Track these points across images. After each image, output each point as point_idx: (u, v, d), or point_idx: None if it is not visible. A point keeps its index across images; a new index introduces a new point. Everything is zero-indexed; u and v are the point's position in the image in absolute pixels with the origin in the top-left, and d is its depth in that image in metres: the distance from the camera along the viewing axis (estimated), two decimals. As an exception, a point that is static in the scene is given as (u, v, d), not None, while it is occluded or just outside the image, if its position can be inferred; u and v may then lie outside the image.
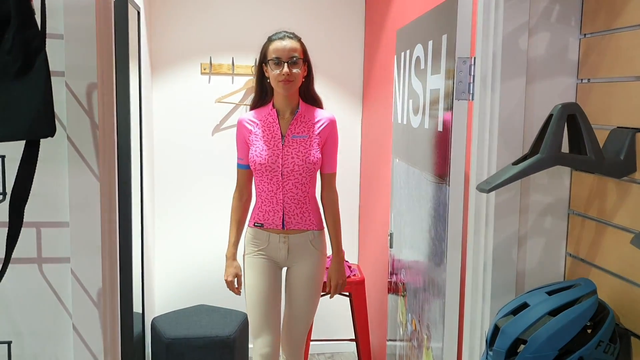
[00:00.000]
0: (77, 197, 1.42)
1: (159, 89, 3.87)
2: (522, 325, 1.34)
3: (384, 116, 3.39)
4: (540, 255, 1.62)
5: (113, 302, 1.49)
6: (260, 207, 2.66)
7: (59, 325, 1.46)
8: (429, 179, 1.96)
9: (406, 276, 2.32)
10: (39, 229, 1.43)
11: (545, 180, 1.61)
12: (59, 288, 1.45)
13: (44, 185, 1.42)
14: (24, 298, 1.45)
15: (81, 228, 1.43)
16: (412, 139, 2.21)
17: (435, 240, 1.90)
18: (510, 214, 1.60)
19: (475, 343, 1.66)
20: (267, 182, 2.61)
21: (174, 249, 3.99)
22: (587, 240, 1.53)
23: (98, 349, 1.46)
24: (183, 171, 3.95)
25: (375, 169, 3.68)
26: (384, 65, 3.42)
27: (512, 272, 1.62)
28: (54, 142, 1.41)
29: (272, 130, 2.61)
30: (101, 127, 1.42)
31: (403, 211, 2.38)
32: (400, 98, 2.41)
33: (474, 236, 1.63)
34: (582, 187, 1.57)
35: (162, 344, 3.34)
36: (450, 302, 1.76)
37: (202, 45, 3.89)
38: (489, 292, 1.62)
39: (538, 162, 1.35)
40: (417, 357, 2.13)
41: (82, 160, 1.41)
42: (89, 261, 1.44)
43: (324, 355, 4.19)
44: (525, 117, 1.58)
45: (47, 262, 1.45)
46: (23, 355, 1.46)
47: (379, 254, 3.52)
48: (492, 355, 1.39)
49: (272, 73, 2.53)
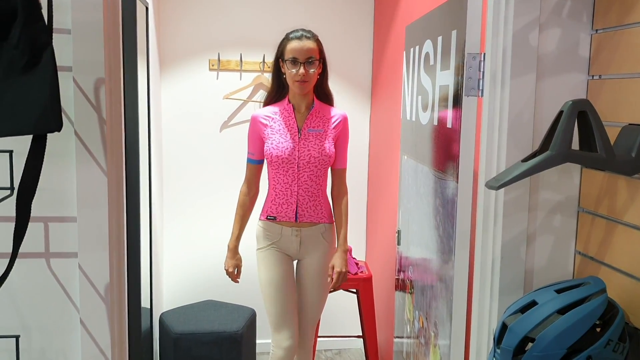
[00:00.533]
0: (84, 192, 1.42)
1: (167, 85, 3.87)
2: (531, 324, 1.33)
3: (393, 113, 3.37)
4: (549, 253, 1.61)
5: (120, 296, 1.49)
6: (274, 200, 2.69)
7: (67, 320, 1.46)
8: (438, 175, 1.95)
9: (413, 273, 2.31)
10: (47, 223, 1.44)
11: (554, 177, 1.59)
12: (67, 283, 1.45)
13: (52, 180, 1.42)
14: (32, 292, 1.45)
15: (89, 223, 1.43)
16: (421, 136, 2.20)
17: (443, 238, 1.89)
18: (519, 211, 1.58)
19: (482, 341, 1.65)
20: (282, 174, 2.64)
21: (182, 244, 4.00)
22: (597, 238, 1.52)
23: (105, 344, 1.46)
24: (191, 167, 3.96)
25: (383, 166, 3.66)
26: (393, 62, 3.40)
27: (520, 270, 1.60)
28: (62, 138, 1.41)
29: (289, 124, 2.65)
30: (109, 123, 1.41)
31: (411, 208, 2.37)
32: (409, 94, 2.40)
33: (482, 233, 1.62)
34: (592, 184, 1.55)
35: (170, 339, 3.35)
36: (457, 300, 1.75)
37: (210, 42, 3.89)
38: (497, 290, 1.61)
39: (548, 159, 1.33)
40: (424, 355, 2.13)
41: (89, 155, 1.41)
42: (96, 256, 1.44)
43: (331, 352, 4.19)
44: (535, 113, 1.57)
45: (55, 257, 1.45)
46: (30, 349, 1.46)
47: (386, 251, 3.51)
48: (499, 353, 1.38)
49: (289, 72, 2.57)
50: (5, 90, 0.96)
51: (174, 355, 3.34)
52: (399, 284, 2.65)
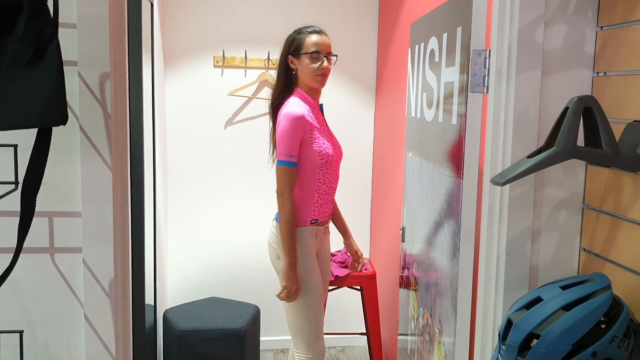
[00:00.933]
0: (89, 187, 1.42)
1: (171, 81, 3.87)
2: (536, 320, 1.33)
3: (397, 110, 3.37)
4: (554, 249, 1.61)
5: (125, 292, 1.49)
6: (317, 202, 2.58)
7: (71, 315, 1.46)
8: (443, 172, 1.95)
9: (418, 270, 2.31)
10: (51, 218, 1.44)
11: (560, 174, 1.59)
12: (71, 278, 1.46)
13: (56, 175, 1.42)
14: (36, 288, 1.45)
15: (93, 218, 1.43)
16: (426, 133, 2.20)
17: (448, 234, 1.89)
18: (524, 207, 1.58)
19: (487, 338, 1.65)
20: (329, 174, 2.58)
21: (186, 241, 4.00)
22: (602, 235, 1.52)
23: (109, 339, 1.46)
24: (195, 164, 3.96)
25: (387, 164, 3.66)
26: (398, 59, 3.40)
27: (525, 267, 1.60)
28: (66, 132, 1.41)
29: (321, 121, 2.61)
30: (114, 117, 1.41)
31: (415, 205, 2.36)
32: (414, 91, 2.39)
33: (487, 230, 1.62)
34: (597, 181, 1.55)
35: (173, 335, 3.36)
36: (462, 296, 1.75)
37: (215, 38, 3.89)
38: (502, 286, 1.60)
39: (553, 156, 1.33)
40: (428, 351, 2.12)
41: (94, 150, 1.41)
42: (100, 251, 1.44)
43: (335, 349, 4.19)
44: (541, 110, 1.56)
45: (59, 252, 1.45)
46: (34, 344, 1.46)
47: (390, 249, 3.51)
48: (504, 349, 1.38)
49: (309, 66, 2.52)
50: (10, 83, 0.96)
51: (178, 352, 3.34)
52: (403, 281, 2.65)
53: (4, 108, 0.96)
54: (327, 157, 2.52)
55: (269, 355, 4.09)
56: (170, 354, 3.40)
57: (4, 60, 0.97)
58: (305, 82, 2.56)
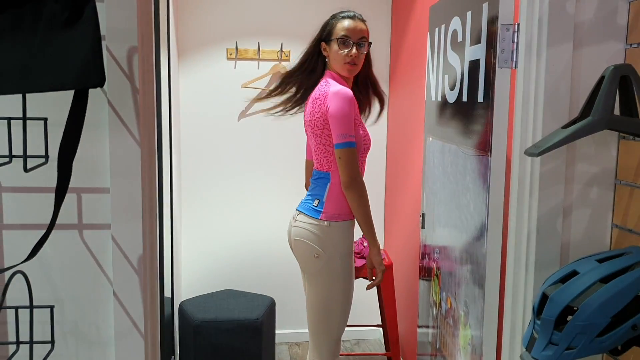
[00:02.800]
0: (117, 162, 1.41)
1: (185, 74, 3.86)
2: (572, 293, 1.31)
3: (413, 99, 3.35)
4: (585, 226, 1.59)
5: (153, 268, 1.48)
6: None
7: (99, 292, 1.45)
8: (468, 152, 1.93)
9: (440, 255, 2.29)
10: (80, 194, 1.42)
11: (591, 149, 1.57)
12: (99, 255, 1.44)
13: (85, 151, 1.41)
14: (65, 265, 1.44)
15: (122, 194, 1.42)
16: (448, 115, 2.18)
17: (474, 215, 1.87)
18: (555, 184, 1.56)
19: (517, 317, 1.62)
20: (363, 162, 2.45)
21: (200, 234, 3.99)
22: (635, 210, 1.49)
23: (138, 316, 1.45)
24: (209, 157, 3.95)
25: (402, 154, 3.64)
26: (412, 48, 3.38)
27: (556, 244, 1.58)
28: (95, 107, 1.40)
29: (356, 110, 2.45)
30: (142, 92, 1.40)
31: (437, 190, 2.34)
32: (435, 75, 2.37)
33: (517, 207, 1.60)
34: (630, 156, 1.52)
35: (190, 327, 3.34)
36: (491, 276, 1.72)
37: (228, 31, 3.88)
38: (533, 264, 1.58)
39: (590, 125, 1.31)
40: (453, 335, 2.10)
41: (122, 125, 1.40)
42: (129, 227, 1.43)
43: (350, 342, 4.17)
44: (572, 84, 1.54)
45: (88, 229, 1.44)
46: (63, 321, 1.45)
47: (407, 239, 3.48)
48: (539, 324, 1.35)
49: (338, 53, 2.37)
50: (47, 45, 0.95)
51: (194, 343, 3.33)
52: (422, 269, 2.63)
53: (41, 70, 0.94)
54: (369, 142, 2.43)
55: (283, 348, 4.07)
56: (186, 346, 3.39)
57: (40, 23, 0.95)
58: (336, 69, 2.42)
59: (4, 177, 1.41)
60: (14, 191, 1.41)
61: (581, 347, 1.28)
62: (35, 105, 1.32)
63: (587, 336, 1.27)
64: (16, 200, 1.41)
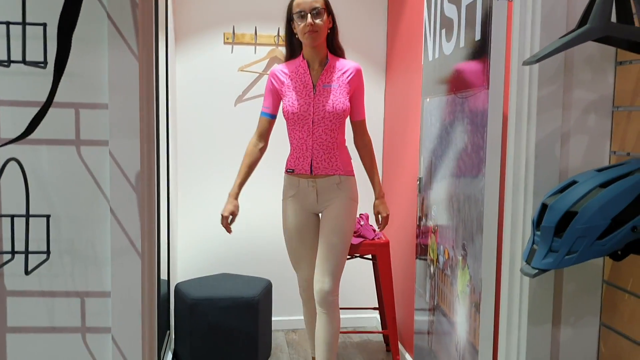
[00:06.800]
0: (116, 77, 1.41)
1: (182, 59, 3.88)
2: (572, 199, 1.31)
3: (410, 83, 3.36)
4: (583, 153, 1.59)
5: (151, 186, 1.47)
6: (292, 154, 2.82)
7: (97, 209, 1.44)
8: (466, 94, 1.93)
9: (438, 210, 2.28)
10: (78, 110, 1.42)
11: (588, 75, 1.57)
12: (97, 171, 1.44)
13: (83, 66, 1.41)
14: (62, 182, 1.43)
15: (120, 109, 1.42)
16: (445, 68, 2.19)
17: (472, 154, 1.87)
18: (553, 108, 1.56)
19: (516, 244, 1.61)
20: (298, 130, 2.75)
21: (197, 218, 3.97)
22: (634, 132, 1.50)
23: (135, 234, 1.44)
24: (206, 141, 3.95)
25: (399, 140, 3.65)
26: (412, 29, 3.40)
27: (555, 170, 1.58)
28: (94, 21, 1.40)
29: (304, 81, 2.75)
30: (141, 6, 1.40)
31: (435, 147, 2.35)
32: (431, 34, 2.39)
33: (515, 134, 1.60)
34: (626, 80, 1.53)
35: (185, 305, 3.31)
36: (489, 205, 1.72)
37: (225, 15, 3.90)
38: (532, 190, 1.58)
39: (586, 32, 1.31)
40: (450, 285, 2.09)
41: (122, 39, 1.40)
42: (127, 143, 1.42)
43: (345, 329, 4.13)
44: (569, 10, 1.55)
45: (85, 145, 1.43)
46: (60, 239, 1.44)
47: (404, 221, 3.48)
48: (539, 234, 1.35)
49: (299, 26, 2.66)
50: None
51: (190, 321, 3.29)
52: (419, 233, 2.62)
53: None
54: (287, 114, 2.76)
55: (280, 334, 4.04)
56: (182, 325, 3.36)
57: None
58: (302, 42, 2.71)
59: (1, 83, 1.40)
60: (11, 105, 1.40)
61: (582, 250, 1.28)
62: (34, 10, 1.32)
63: (587, 239, 1.27)
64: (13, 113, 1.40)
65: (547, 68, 1.54)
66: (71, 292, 1.45)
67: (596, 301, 1.61)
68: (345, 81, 2.74)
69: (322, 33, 2.68)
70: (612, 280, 1.56)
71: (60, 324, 1.45)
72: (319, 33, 2.66)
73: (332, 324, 2.75)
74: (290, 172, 2.84)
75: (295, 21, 2.68)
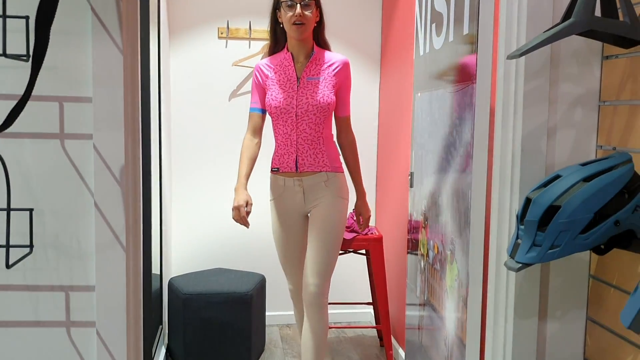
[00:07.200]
0: (100, 71, 1.40)
1: (176, 53, 3.87)
2: (555, 193, 1.30)
3: (404, 78, 3.36)
4: (570, 147, 1.58)
5: (135, 180, 1.46)
6: (277, 151, 2.74)
7: (81, 203, 1.43)
8: (455, 89, 1.93)
9: (428, 205, 2.28)
10: (62, 103, 1.41)
11: (574, 69, 1.57)
12: (81, 165, 1.43)
13: (67, 59, 1.40)
14: (46, 175, 1.42)
15: (104, 103, 1.41)
16: (435, 63, 2.18)
17: (460, 149, 1.87)
18: (539, 102, 1.56)
19: (502, 239, 1.61)
20: (282, 124, 2.67)
21: (191, 213, 3.97)
22: (620, 126, 1.49)
23: (120, 228, 1.43)
24: (200, 136, 3.94)
25: (393, 134, 3.64)
26: (405, 23, 3.39)
27: (541, 164, 1.57)
28: (78, 14, 1.40)
29: (287, 73, 2.68)
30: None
31: (425, 142, 2.34)
32: (422, 28, 2.39)
33: (501, 127, 1.60)
34: (613, 75, 1.53)
35: (179, 300, 3.31)
36: (476, 200, 1.72)
37: (219, 10, 3.89)
38: (518, 185, 1.58)
39: (570, 26, 1.31)
40: (439, 279, 2.09)
41: (105, 32, 1.39)
42: (111, 137, 1.41)
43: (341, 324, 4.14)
44: (555, 3, 1.54)
45: (69, 138, 1.42)
46: (44, 233, 1.43)
47: (397, 216, 3.48)
48: (523, 228, 1.35)
49: (286, 16, 2.57)
50: None
51: (184, 316, 3.30)
52: (411, 228, 2.62)
53: None
54: (270, 108, 2.67)
55: (274, 329, 4.04)
56: (175, 320, 3.36)
57: None
58: (287, 32, 2.63)
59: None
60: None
61: (564, 245, 1.28)
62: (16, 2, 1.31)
63: (570, 233, 1.27)
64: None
65: (533, 62, 1.54)
66: (55, 286, 1.44)
67: (582, 295, 1.61)
68: (331, 74, 2.65)
69: (309, 26, 2.61)
70: (599, 274, 1.56)
71: (45, 318, 1.44)
72: (306, 26, 2.57)
73: (320, 329, 2.64)
74: (276, 171, 2.75)
75: (283, 9, 2.59)
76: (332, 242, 2.66)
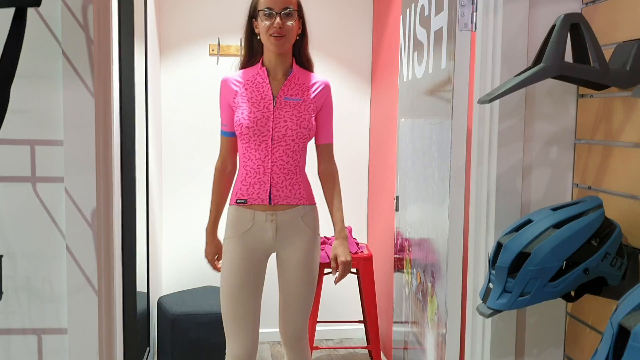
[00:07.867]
0: (71, 114, 1.40)
1: (167, 70, 3.87)
2: (525, 240, 1.30)
3: (394, 97, 3.36)
4: (546, 185, 1.58)
5: (107, 222, 1.46)
6: (245, 180, 2.33)
7: (52, 246, 1.44)
8: (433, 122, 1.93)
9: (411, 232, 2.28)
10: (33, 147, 1.42)
11: (550, 108, 1.57)
12: (53, 208, 1.43)
13: (38, 102, 1.41)
14: (17, 218, 1.43)
15: (76, 146, 1.41)
16: (417, 91, 2.18)
17: (438, 183, 1.86)
18: (514, 141, 1.56)
19: (479, 277, 1.61)
20: (254, 149, 2.30)
21: (181, 231, 3.97)
22: (594, 165, 1.49)
23: (92, 271, 1.43)
24: (191, 153, 3.94)
25: (383, 153, 3.64)
26: (394, 44, 3.39)
27: (516, 203, 1.57)
28: (49, 57, 1.40)
29: (262, 91, 2.31)
30: (96, 42, 1.40)
31: (408, 169, 2.34)
32: (406, 55, 2.38)
33: (477, 166, 1.59)
34: (588, 113, 1.52)
35: (167, 320, 3.31)
36: (453, 238, 1.72)
37: (210, 27, 3.89)
38: (493, 223, 1.57)
39: (541, 71, 1.31)
40: (422, 310, 2.08)
41: (77, 76, 1.39)
42: (83, 180, 1.42)
43: (333, 341, 4.13)
44: (529, 42, 1.55)
45: (41, 182, 1.42)
46: (16, 276, 1.43)
47: (387, 236, 3.47)
48: (494, 273, 1.34)
49: (263, 26, 2.23)
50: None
51: (172, 337, 3.29)
52: (397, 250, 2.61)
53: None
54: (240, 128, 2.30)
55: (265, 347, 4.03)
56: (164, 340, 3.35)
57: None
58: (264, 44, 2.29)
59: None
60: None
61: (534, 292, 1.27)
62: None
63: (540, 281, 1.27)
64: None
65: (508, 101, 1.54)
66: (28, 329, 1.45)
67: (559, 333, 1.61)
68: (311, 96, 2.33)
69: (291, 38, 2.27)
70: (575, 313, 1.56)
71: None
72: (286, 38, 2.24)
73: None
74: (242, 203, 2.33)
75: (260, 19, 2.25)
76: (312, 290, 2.44)
